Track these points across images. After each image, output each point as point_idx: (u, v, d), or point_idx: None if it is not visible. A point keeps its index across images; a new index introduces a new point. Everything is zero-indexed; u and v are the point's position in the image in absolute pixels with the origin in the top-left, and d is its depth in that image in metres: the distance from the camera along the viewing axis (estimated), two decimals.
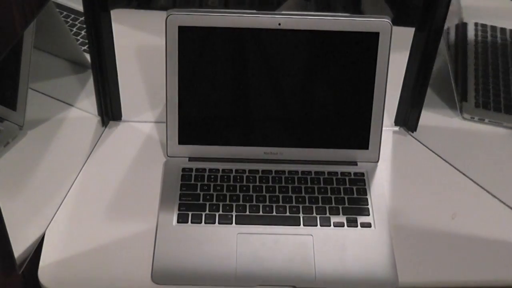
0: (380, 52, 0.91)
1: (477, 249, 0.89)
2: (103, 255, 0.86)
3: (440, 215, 0.93)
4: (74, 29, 1.18)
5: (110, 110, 1.04)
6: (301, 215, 0.89)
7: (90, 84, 1.01)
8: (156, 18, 1.08)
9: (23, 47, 0.94)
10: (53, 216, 0.90)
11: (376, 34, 0.90)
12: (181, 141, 0.95)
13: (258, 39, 0.91)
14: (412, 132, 1.05)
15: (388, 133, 1.05)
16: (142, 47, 1.20)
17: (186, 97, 0.93)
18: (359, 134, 0.95)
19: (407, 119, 1.05)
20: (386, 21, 0.90)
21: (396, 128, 1.06)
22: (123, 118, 1.06)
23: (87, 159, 0.99)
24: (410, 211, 0.93)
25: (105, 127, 1.04)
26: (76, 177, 0.96)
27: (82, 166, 0.98)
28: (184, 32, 0.90)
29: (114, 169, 0.97)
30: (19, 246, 0.82)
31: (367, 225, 0.88)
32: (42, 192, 0.93)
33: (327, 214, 0.89)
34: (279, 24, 0.90)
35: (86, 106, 1.05)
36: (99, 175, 0.96)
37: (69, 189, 0.94)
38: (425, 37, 0.96)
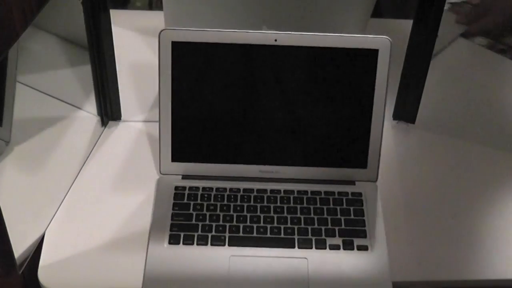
0: (379, 69, 0.89)
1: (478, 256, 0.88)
2: (103, 255, 0.85)
3: (442, 222, 0.92)
4: None
5: (109, 110, 1.03)
6: (296, 236, 0.86)
7: (90, 84, 1.01)
8: (156, 19, 1.08)
9: (8, 61, 0.92)
10: (53, 216, 0.90)
11: (375, 51, 0.88)
12: (175, 159, 0.92)
13: (254, 55, 0.89)
14: (412, 123, 1.06)
15: (387, 126, 1.05)
16: (141, 47, 1.20)
17: (179, 114, 0.91)
18: (357, 153, 0.92)
19: (406, 111, 1.05)
20: (385, 38, 0.88)
21: (395, 122, 1.07)
22: (122, 118, 1.05)
23: (87, 159, 0.99)
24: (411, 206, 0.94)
25: (105, 127, 1.04)
26: (76, 177, 0.96)
27: (82, 166, 0.97)
28: (178, 48, 0.88)
29: (114, 169, 0.97)
30: (19, 246, 0.82)
31: (363, 248, 0.86)
32: (42, 192, 0.92)
33: (323, 236, 0.87)
34: (275, 40, 0.88)
35: (85, 106, 1.05)
36: (98, 175, 0.96)
37: (69, 189, 0.94)
38: (423, 29, 0.96)
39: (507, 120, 1.12)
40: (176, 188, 0.91)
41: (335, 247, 0.86)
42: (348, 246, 0.86)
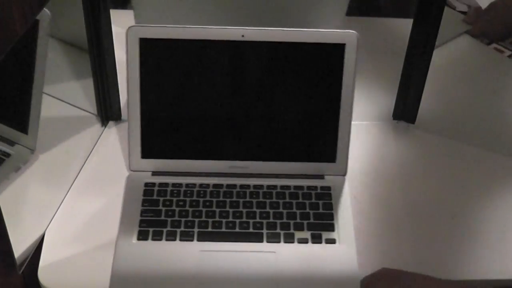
0: (346, 64, 0.89)
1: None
2: (103, 255, 0.85)
3: (441, 222, 0.92)
4: None
5: (109, 110, 1.03)
6: (264, 231, 0.87)
7: (90, 84, 1.01)
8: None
9: (35, 71, 0.93)
10: (53, 216, 0.90)
11: (342, 46, 0.89)
12: (144, 155, 0.93)
13: (221, 51, 0.89)
14: (412, 123, 1.07)
15: (387, 126, 1.06)
16: None
17: (148, 111, 0.91)
18: (326, 147, 0.93)
19: (406, 111, 1.06)
20: (352, 32, 0.88)
21: (395, 122, 1.08)
22: (122, 118, 1.05)
23: (87, 159, 0.99)
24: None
25: (105, 127, 1.04)
26: (76, 177, 0.96)
27: (82, 166, 0.97)
28: (146, 45, 0.88)
29: (114, 169, 0.96)
30: (19, 246, 0.82)
31: (331, 241, 0.86)
32: (42, 192, 0.93)
33: (291, 230, 0.87)
34: (243, 35, 0.88)
35: (86, 105, 1.05)
36: (98, 175, 0.96)
37: (69, 188, 0.94)
38: (423, 28, 0.96)
39: (507, 122, 1.12)
40: (146, 184, 0.91)
41: (303, 241, 0.86)
42: (316, 239, 0.86)
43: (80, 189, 0.94)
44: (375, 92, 1.15)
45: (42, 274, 0.83)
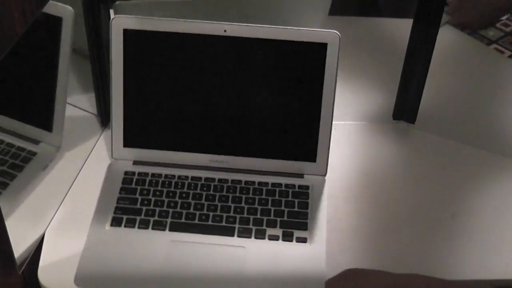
0: (328, 63, 0.89)
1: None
2: None
3: (440, 222, 0.92)
4: None
5: (110, 110, 1.03)
6: (236, 225, 0.87)
7: (90, 84, 1.02)
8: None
9: (60, 66, 0.94)
10: (53, 216, 0.91)
11: (324, 45, 0.88)
12: (126, 144, 0.94)
13: (204, 45, 0.90)
14: (412, 123, 1.06)
15: (387, 127, 1.06)
16: None
17: (131, 101, 0.92)
18: (307, 147, 0.93)
19: (406, 111, 1.05)
20: (334, 32, 0.88)
21: (395, 122, 1.07)
22: None
23: (87, 159, 0.99)
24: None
25: (105, 127, 1.04)
26: (76, 177, 0.96)
27: (82, 166, 0.98)
28: (130, 35, 0.89)
29: None
30: (19, 246, 0.83)
31: (302, 240, 0.86)
32: (42, 191, 0.93)
33: (264, 227, 0.87)
34: (225, 30, 0.88)
35: (86, 105, 1.06)
36: (98, 175, 0.96)
37: (69, 188, 0.95)
38: (423, 28, 0.96)
39: (507, 122, 1.10)
40: (126, 173, 0.93)
41: (274, 238, 0.86)
42: (287, 237, 0.86)
43: (80, 189, 0.95)
44: (375, 92, 1.14)
45: (42, 274, 0.83)
